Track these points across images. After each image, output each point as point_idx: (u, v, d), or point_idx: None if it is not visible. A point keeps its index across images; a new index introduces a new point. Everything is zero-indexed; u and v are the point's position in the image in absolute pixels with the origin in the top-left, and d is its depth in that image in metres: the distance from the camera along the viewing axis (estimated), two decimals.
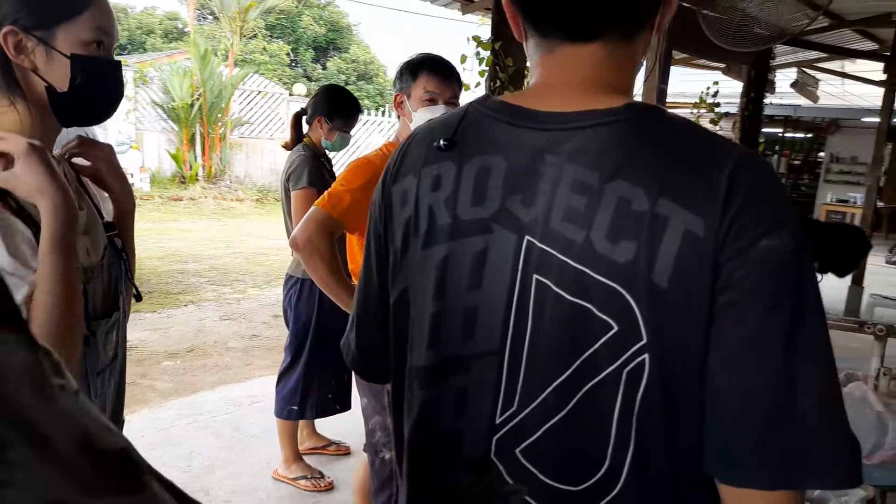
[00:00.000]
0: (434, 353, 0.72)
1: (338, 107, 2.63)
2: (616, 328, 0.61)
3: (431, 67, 1.89)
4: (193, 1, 13.01)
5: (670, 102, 6.38)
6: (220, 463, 2.86)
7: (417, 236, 0.73)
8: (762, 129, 6.08)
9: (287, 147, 2.71)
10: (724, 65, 6.37)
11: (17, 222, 0.88)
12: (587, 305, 0.62)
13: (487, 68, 3.98)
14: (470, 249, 0.68)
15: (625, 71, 0.69)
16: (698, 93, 5.80)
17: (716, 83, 5.72)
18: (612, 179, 0.61)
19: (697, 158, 0.61)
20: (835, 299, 3.23)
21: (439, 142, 0.72)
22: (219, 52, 13.21)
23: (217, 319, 5.11)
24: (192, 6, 13.04)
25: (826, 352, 0.58)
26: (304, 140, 2.67)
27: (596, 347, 0.62)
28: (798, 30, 3.24)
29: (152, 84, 11.84)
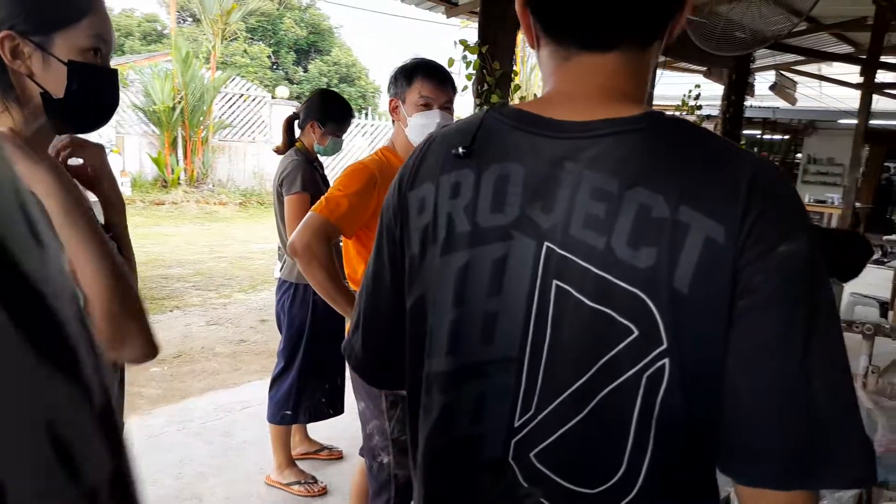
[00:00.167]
0: (453, 358, 0.72)
1: (330, 111, 2.62)
2: (636, 333, 0.62)
3: (426, 72, 1.90)
4: (175, 3, 12.88)
5: (654, 105, 6.45)
6: (212, 470, 2.84)
7: (436, 243, 0.73)
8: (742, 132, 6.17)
9: (279, 151, 2.70)
10: (706, 68, 6.47)
11: None
12: (608, 311, 0.62)
13: (474, 72, 4.00)
14: (490, 256, 0.69)
15: (639, 79, 0.70)
16: (680, 95, 5.87)
17: (697, 86, 5.79)
18: (632, 187, 0.62)
19: (716, 166, 0.62)
20: None
21: (458, 149, 0.72)
22: (200, 55, 13.10)
23: (203, 325, 5.07)
24: (174, 8, 12.91)
25: (841, 354, 0.60)
26: (296, 144, 2.66)
27: (616, 352, 0.63)
28: (780, 34, 3.30)
29: (132, 87, 11.71)
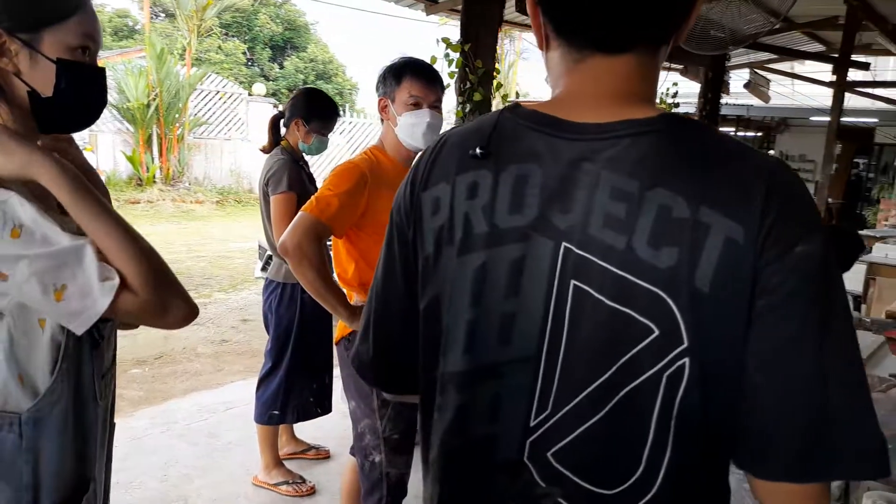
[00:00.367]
0: (469, 358, 0.72)
1: (315, 109, 2.61)
2: (657, 332, 0.62)
3: (415, 72, 1.90)
4: None
5: None
6: (197, 471, 2.81)
7: (452, 244, 0.73)
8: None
9: (265, 151, 2.68)
10: (683, 66, 6.55)
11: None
12: (627, 310, 0.63)
13: (457, 70, 4.00)
14: (507, 257, 0.69)
15: (650, 81, 0.71)
16: (658, 93, 5.94)
17: (675, 84, 5.86)
18: (652, 188, 0.63)
19: (734, 167, 0.63)
20: None
21: (474, 150, 0.72)
22: (175, 52, 12.90)
23: None
24: (148, 4, 12.69)
25: (855, 350, 0.61)
26: (281, 143, 2.64)
27: (636, 351, 0.63)
28: (758, 34, 3.36)
29: None
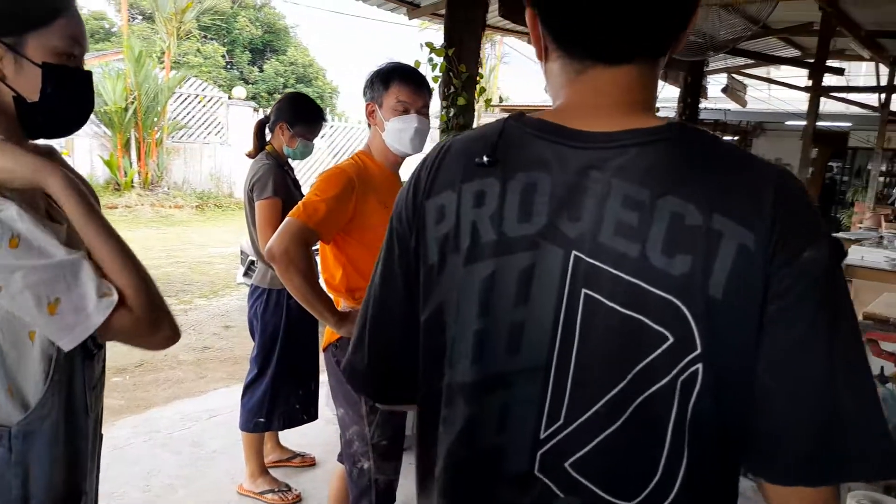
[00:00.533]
0: (478, 368, 0.71)
1: (300, 113, 2.59)
2: (672, 339, 0.62)
3: (403, 77, 1.90)
4: (126, 0, 12.51)
5: None
6: (181, 481, 2.77)
7: (458, 252, 0.72)
8: None
9: (250, 156, 2.66)
10: (663, 71, 6.63)
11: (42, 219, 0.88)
12: (641, 318, 0.63)
13: (441, 74, 4.01)
14: (517, 265, 0.68)
15: (650, 90, 0.72)
16: None
17: None
18: (664, 196, 0.63)
19: (742, 175, 0.64)
20: None
21: (481, 158, 0.72)
22: (154, 55, 12.75)
23: None
24: (125, 6, 12.54)
25: (862, 353, 0.63)
26: (266, 148, 2.62)
27: (651, 359, 0.63)
28: (738, 40, 3.41)
29: None
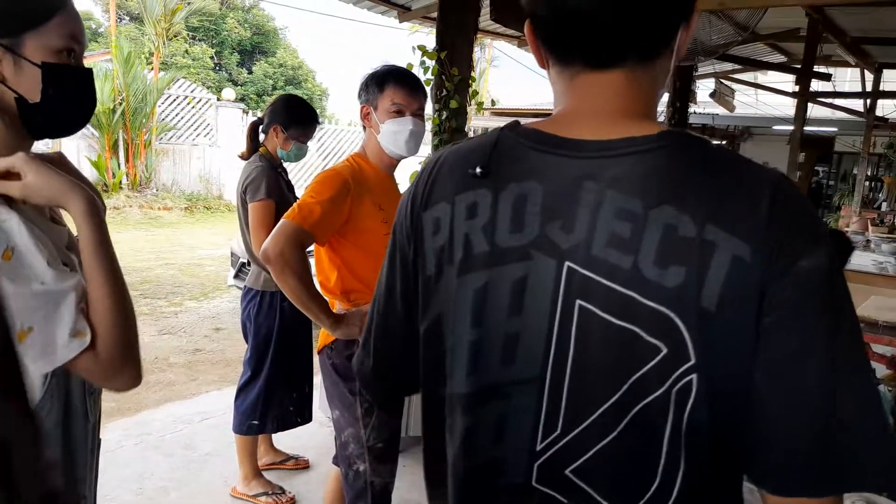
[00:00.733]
0: (473, 380, 0.72)
1: (294, 116, 2.59)
2: (665, 350, 0.62)
3: (398, 80, 1.91)
4: (115, 1, 12.43)
5: None
6: (173, 484, 2.75)
7: (453, 264, 0.72)
8: None
9: (243, 157, 2.66)
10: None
11: (52, 227, 0.87)
12: (635, 329, 0.63)
13: (433, 77, 4.02)
14: (510, 276, 0.68)
15: (647, 96, 0.70)
16: None
17: None
18: (657, 206, 0.62)
19: (737, 184, 0.62)
20: None
21: (474, 169, 0.72)
22: (142, 56, 12.67)
23: (155, 334, 4.92)
24: (114, 7, 12.45)
25: (864, 361, 0.61)
26: (259, 150, 2.62)
27: (645, 370, 0.63)
28: (728, 45, 3.45)
29: None
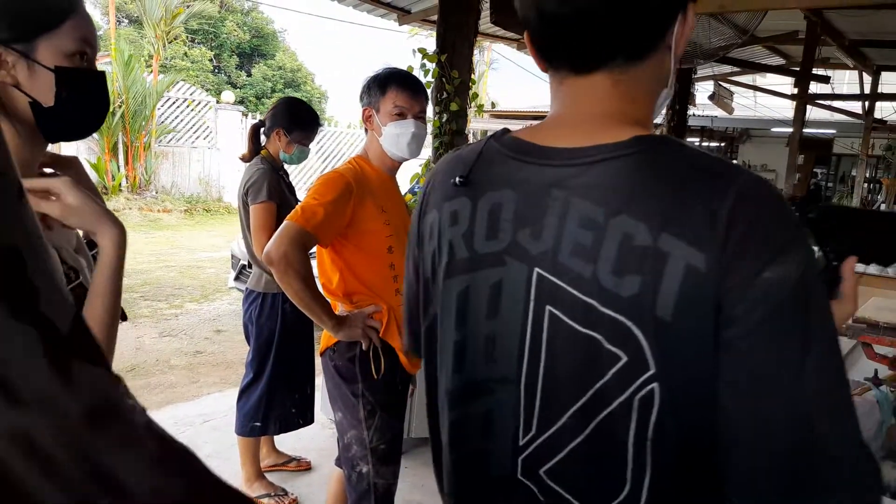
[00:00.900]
0: (460, 376, 0.76)
1: (297, 119, 2.60)
2: (625, 359, 0.62)
3: (400, 82, 1.92)
4: (114, 4, 12.44)
5: None
6: None
7: (440, 268, 0.77)
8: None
9: (244, 159, 2.66)
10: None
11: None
12: (597, 337, 0.63)
13: (433, 80, 4.03)
14: (487, 281, 0.72)
15: (637, 99, 0.69)
16: None
17: None
18: (616, 215, 0.62)
19: (700, 191, 0.60)
20: None
21: (456, 178, 0.76)
22: (141, 58, 12.68)
23: (156, 336, 4.91)
24: (113, 10, 12.46)
25: (839, 376, 0.58)
26: (261, 153, 2.62)
27: (608, 377, 0.64)
28: (728, 48, 3.47)
29: None
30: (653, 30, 0.66)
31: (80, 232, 1.08)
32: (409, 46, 4.02)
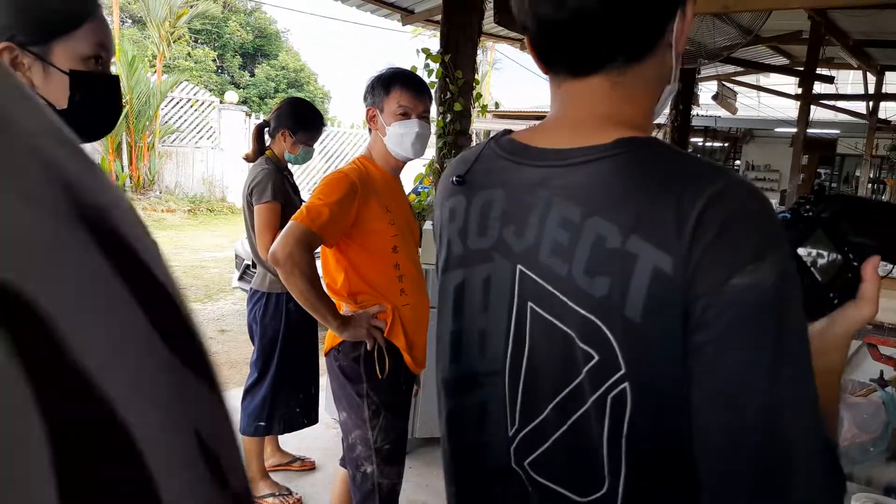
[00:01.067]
0: (455, 367, 0.79)
1: (302, 120, 2.61)
2: (597, 358, 0.63)
3: (404, 82, 1.92)
4: (118, 4, 12.47)
5: None
6: None
7: (440, 262, 0.82)
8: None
9: (248, 159, 2.67)
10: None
11: None
12: (572, 334, 0.65)
13: (437, 80, 4.04)
14: (479, 276, 0.75)
15: (635, 100, 0.69)
16: None
17: None
18: (591, 216, 0.63)
19: (672, 193, 0.59)
20: None
21: (453, 178, 0.79)
22: (144, 59, 12.72)
23: None
24: (117, 10, 12.49)
25: (808, 383, 0.57)
26: (266, 153, 2.63)
27: (582, 375, 0.65)
28: (732, 48, 3.46)
29: None
30: (653, 29, 0.65)
31: None
32: (412, 46, 4.02)
